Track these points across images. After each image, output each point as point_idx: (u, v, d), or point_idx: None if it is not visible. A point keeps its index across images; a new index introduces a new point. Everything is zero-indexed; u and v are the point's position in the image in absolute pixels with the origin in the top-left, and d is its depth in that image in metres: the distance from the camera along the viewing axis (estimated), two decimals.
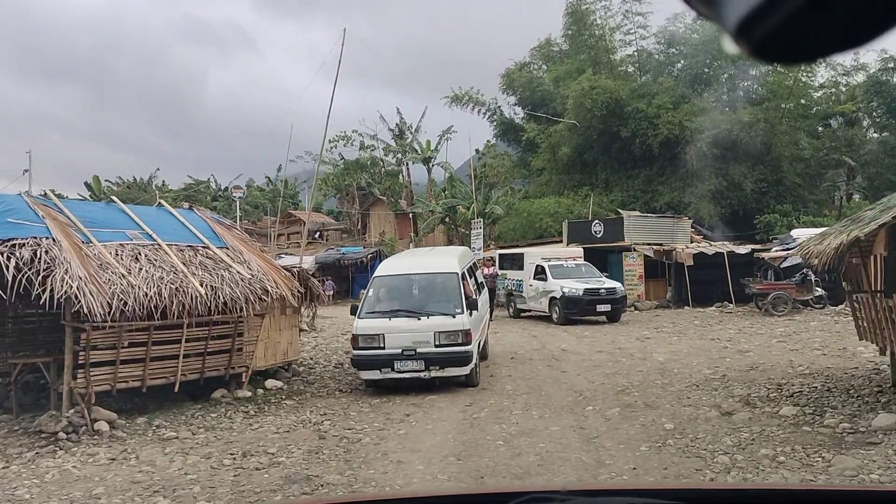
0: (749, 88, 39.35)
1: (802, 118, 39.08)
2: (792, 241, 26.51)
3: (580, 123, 36.67)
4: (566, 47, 42.78)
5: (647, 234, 26.54)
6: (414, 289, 14.17)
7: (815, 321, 20.80)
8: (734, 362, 14.79)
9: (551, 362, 15.69)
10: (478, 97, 44.56)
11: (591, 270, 23.46)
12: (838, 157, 39.49)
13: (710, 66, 38.11)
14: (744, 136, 34.85)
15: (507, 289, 25.18)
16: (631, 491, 2.17)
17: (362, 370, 13.32)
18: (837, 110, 40.68)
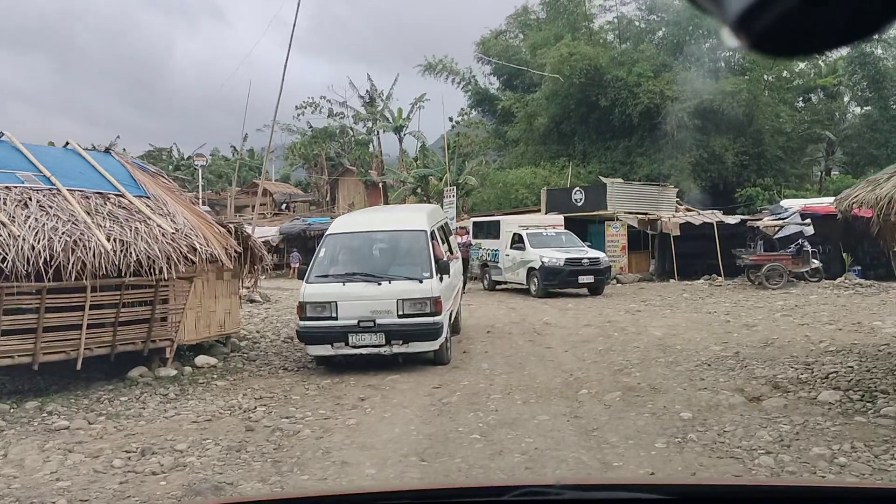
0: (731, 59, 37.10)
1: (784, 90, 37.04)
2: (782, 210, 24.44)
3: (558, 90, 34.23)
4: (543, 15, 40.23)
5: (631, 203, 24.19)
6: (374, 249, 11.67)
7: (813, 294, 18.62)
8: (743, 337, 12.50)
9: (533, 337, 13.30)
10: (452, 66, 41.89)
11: (572, 239, 21.09)
12: (819, 132, 37.55)
13: (692, 35, 35.75)
14: (726, 105, 32.62)
15: (481, 259, 22.73)
16: (626, 486, 2.05)
17: (310, 345, 10.83)
18: (819, 83, 38.63)
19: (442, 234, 12.85)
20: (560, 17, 37.82)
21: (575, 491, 1.80)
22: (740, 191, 32.97)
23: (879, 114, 35.93)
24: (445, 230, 13.52)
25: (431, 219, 12.08)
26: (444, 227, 13.31)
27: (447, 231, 13.84)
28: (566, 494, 1.73)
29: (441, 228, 12.98)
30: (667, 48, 35.81)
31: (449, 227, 14.45)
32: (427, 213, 12.28)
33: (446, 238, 13.31)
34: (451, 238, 14.81)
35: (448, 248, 13.09)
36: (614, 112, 33.85)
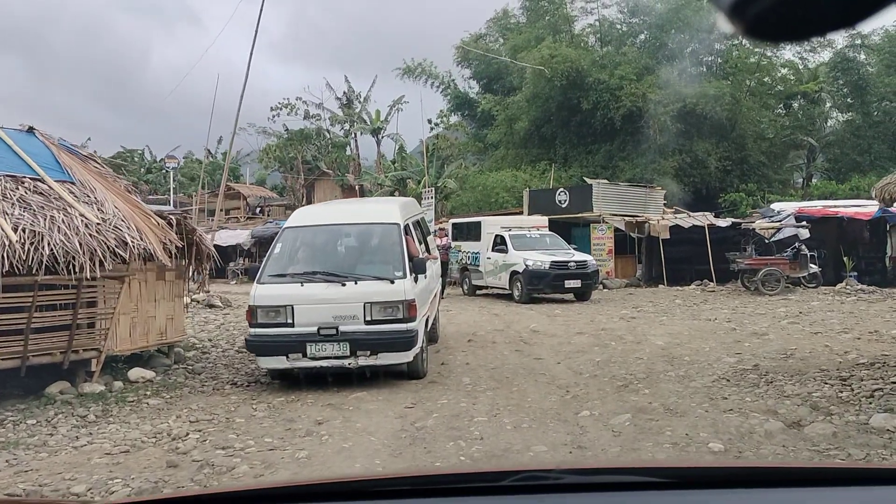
0: (713, 62, 35.79)
1: (766, 95, 35.80)
2: (773, 213, 22.96)
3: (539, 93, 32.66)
4: (524, 19, 38.67)
5: (618, 205, 22.52)
6: (339, 244, 9.88)
7: (815, 301, 17.05)
8: (756, 347, 10.84)
9: (520, 346, 11.53)
10: (431, 69, 40.19)
11: (557, 241, 19.38)
12: (801, 138, 36.31)
13: (674, 39, 34.32)
14: (709, 109, 31.23)
15: (461, 262, 20.95)
16: (625, 469, 2.02)
17: (261, 356, 9.00)
18: (800, 90, 37.38)
19: (418, 230, 11.08)
20: (540, 19, 36.30)
21: (575, 475, 1.78)
22: (724, 196, 31.60)
23: (862, 120, 34.73)
24: (422, 226, 11.74)
25: (405, 212, 10.30)
26: (420, 223, 11.53)
27: (424, 228, 12.06)
28: (566, 478, 1.71)
29: (417, 224, 11.22)
30: (649, 51, 34.38)
31: (426, 224, 12.69)
32: (400, 205, 10.48)
33: (423, 235, 11.54)
34: (430, 237, 13.04)
35: (425, 247, 11.33)
36: (596, 115, 32.36)
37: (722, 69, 34.74)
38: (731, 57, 34.78)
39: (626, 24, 35.95)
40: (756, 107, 34.50)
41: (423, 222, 11.92)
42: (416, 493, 1.78)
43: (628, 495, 1.71)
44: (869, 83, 34.30)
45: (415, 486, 1.84)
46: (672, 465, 2.76)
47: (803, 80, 37.38)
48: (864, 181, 31.65)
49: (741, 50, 34.98)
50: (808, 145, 37.06)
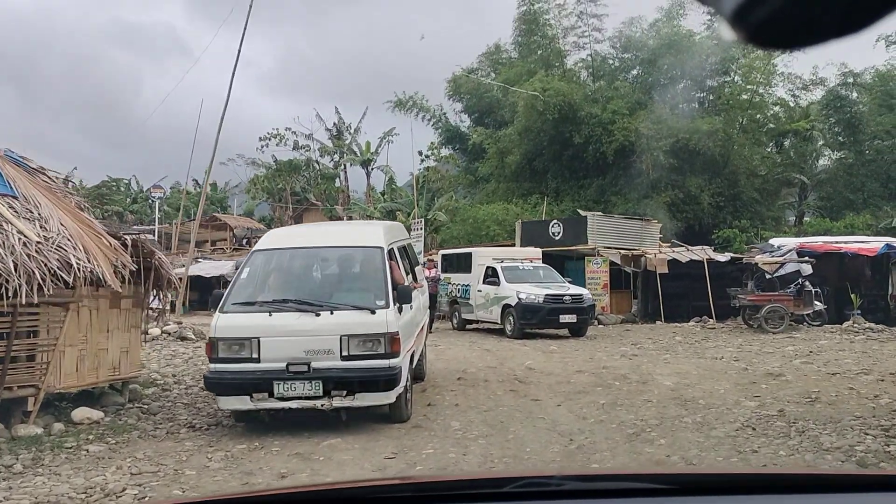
0: (705, 99, 35.16)
1: (758, 132, 35.13)
2: (772, 248, 21.94)
3: (530, 126, 31.86)
4: (516, 55, 38.03)
5: (613, 238, 21.47)
6: (314, 270, 8.70)
7: (823, 339, 15.92)
8: (774, 389, 9.68)
9: (515, 385, 10.31)
10: (422, 103, 39.37)
11: (551, 274, 18.26)
12: (792, 175, 35.61)
13: (666, 75, 33.68)
14: (702, 145, 30.47)
15: (450, 295, 19.77)
16: (626, 476, 2.03)
17: (222, 395, 7.76)
18: (791, 128, 36.73)
19: (405, 257, 9.92)
20: (532, 54, 35.64)
21: (576, 482, 1.78)
22: (717, 232, 30.69)
23: (855, 158, 34.05)
24: (410, 254, 10.57)
25: (390, 236, 9.14)
26: (407, 250, 10.36)
27: (412, 255, 10.89)
28: (567, 485, 1.70)
29: (404, 250, 10.06)
30: (641, 86, 33.73)
31: (414, 251, 11.53)
32: (385, 228, 9.33)
33: (411, 263, 10.37)
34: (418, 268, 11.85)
35: (412, 276, 10.17)
36: (588, 149, 31.54)
37: (714, 105, 34.11)
38: (723, 93, 34.16)
39: (618, 60, 35.35)
40: (748, 143, 33.82)
41: (410, 249, 10.77)
42: (418, 500, 1.75)
43: (629, 502, 1.68)
44: (861, 121, 33.70)
45: (416, 492, 1.81)
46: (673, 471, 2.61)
47: (794, 119, 36.79)
48: (859, 219, 30.88)
49: (733, 86, 34.42)
50: (799, 183, 36.39)
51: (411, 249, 10.96)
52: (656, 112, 31.06)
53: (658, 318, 20.52)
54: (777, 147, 37.55)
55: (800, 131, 36.41)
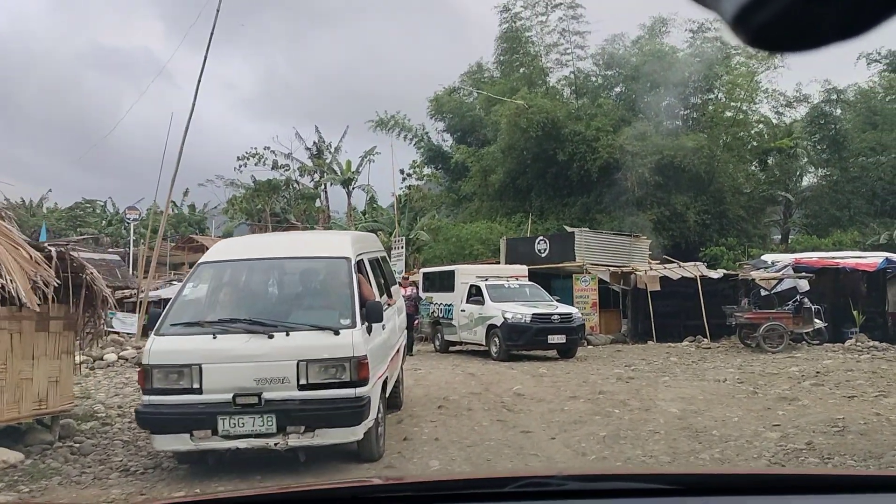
0: (689, 116, 34.38)
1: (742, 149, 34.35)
2: (765, 265, 20.92)
3: (514, 143, 30.91)
4: (498, 74, 37.17)
5: (601, 255, 20.35)
6: (269, 284, 7.46)
7: (826, 359, 14.79)
8: (793, 416, 8.50)
9: (503, 414, 9.04)
10: (404, 122, 38.35)
11: (538, 292, 17.06)
12: (778, 193, 34.84)
13: (650, 92, 32.88)
14: (687, 162, 29.60)
15: (432, 316, 18.50)
16: (627, 476, 2.03)
17: (158, 433, 6.48)
18: (775, 145, 36.00)
19: (378, 271, 8.68)
20: (514, 71, 34.79)
21: (578, 482, 1.76)
22: (704, 250, 29.73)
23: (840, 175, 33.29)
24: (384, 268, 9.31)
25: (360, 246, 7.89)
26: (381, 263, 9.10)
27: (387, 270, 9.63)
28: (569, 485, 1.68)
29: (377, 264, 8.82)
30: (625, 103, 32.91)
31: (389, 265, 10.27)
32: (353, 238, 8.08)
33: (385, 278, 9.12)
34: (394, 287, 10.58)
35: (387, 292, 8.92)
36: (573, 167, 30.58)
37: (698, 122, 33.34)
38: (706, 110, 33.40)
39: (601, 77, 34.55)
40: (733, 160, 33.01)
41: (384, 263, 9.52)
42: (419, 500, 1.71)
43: (630, 502, 1.67)
44: (846, 138, 33.03)
45: (417, 492, 1.78)
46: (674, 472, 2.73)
47: (778, 136, 36.09)
48: (846, 236, 30.07)
49: (716, 104, 33.71)
50: (784, 200, 35.65)
51: (385, 263, 9.72)
52: (640, 129, 30.21)
53: (649, 338, 19.36)
54: (761, 165, 36.81)
55: (784, 149, 35.73)
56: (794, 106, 34.06)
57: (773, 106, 34.23)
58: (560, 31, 32.87)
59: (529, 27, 33.72)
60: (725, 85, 32.94)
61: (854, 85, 34.30)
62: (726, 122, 33.05)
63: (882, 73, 35.48)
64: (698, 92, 33.69)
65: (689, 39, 33.60)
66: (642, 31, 33.51)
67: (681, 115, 34.18)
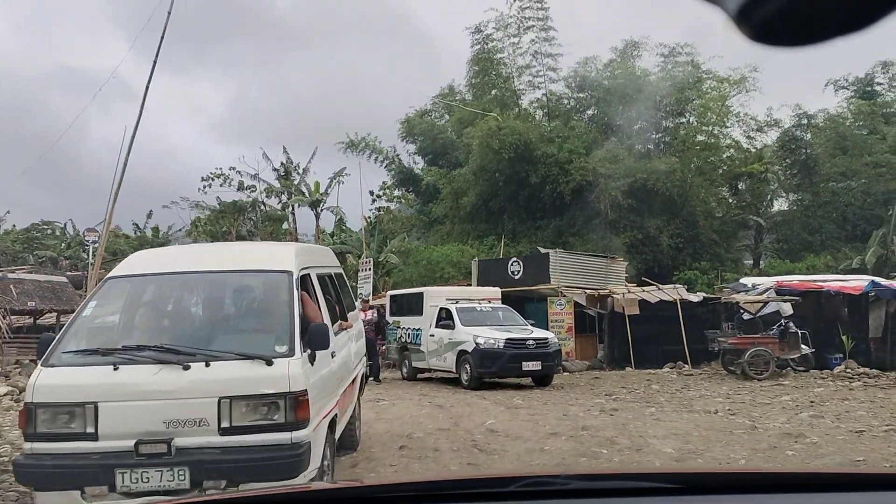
0: (661, 140, 33.73)
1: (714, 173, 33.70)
2: (746, 288, 19.93)
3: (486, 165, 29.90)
4: (470, 96, 36.27)
5: (577, 277, 19.19)
6: (192, 303, 6.09)
7: (817, 388, 13.75)
8: (807, 458, 7.32)
9: (474, 456, 7.71)
10: (375, 144, 37.16)
11: (512, 316, 15.83)
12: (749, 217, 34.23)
13: (622, 115, 32.15)
14: (660, 186, 28.82)
15: (400, 341, 17.15)
16: (631, 475, 2.00)
17: (42, 489, 5.07)
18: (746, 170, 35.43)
19: (330, 288, 7.36)
20: (486, 94, 33.92)
21: (581, 481, 1.74)
22: (678, 274, 28.82)
23: (811, 199, 32.75)
24: (337, 285, 7.96)
25: (306, 259, 6.54)
26: (333, 280, 7.76)
27: (343, 289, 8.28)
28: (572, 484, 1.66)
29: (329, 280, 7.50)
30: (597, 126, 32.14)
31: (346, 283, 8.91)
32: (298, 249, 6.71)
33: (340, 297, 7.78)
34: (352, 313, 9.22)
35: (341, 313, 7.59)
36: (545, 189, 29.64)
37: (670, 146, 32.66)
38: (678, 134, 32.76)
39: (573, 99, 33.76)
40: (705, 184, 32.32)
41: (339, 280, 8.18)
42: (422, 500, 1.70)
43: (634, 501, 1.65)
44: (817, 163, 32.57)
45: (420, 492, 1.76)
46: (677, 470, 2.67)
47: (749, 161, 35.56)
48: (819, 260, 29.45)
49: (688, 128, 33.11)
50: (755, 225, 35.06)
51: (341, 280, 8.38)
52: (613, 151, 29.42)
53: (627, 364, 18.18)
54: (732, 189, 36.24)
55: (754, 174, 35.20)
56: (765, 131, 33.54)
57: (744, 130, 33.68)
58: (532, 53, 32.11)
59: (501, 49, 32.90)
60: (697, 109, 32.35)
61: (824, 110, 33.95)
62: (698, 146, 32.42)
63: (850, 99, 35.25)
64: (670, 115, 33.09)
65: (661, 63, 33.06)
66: (614, 54, 32.84)
67: (653, 139, 33.54)
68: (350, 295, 8.89)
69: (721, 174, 34.48)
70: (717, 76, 31.68)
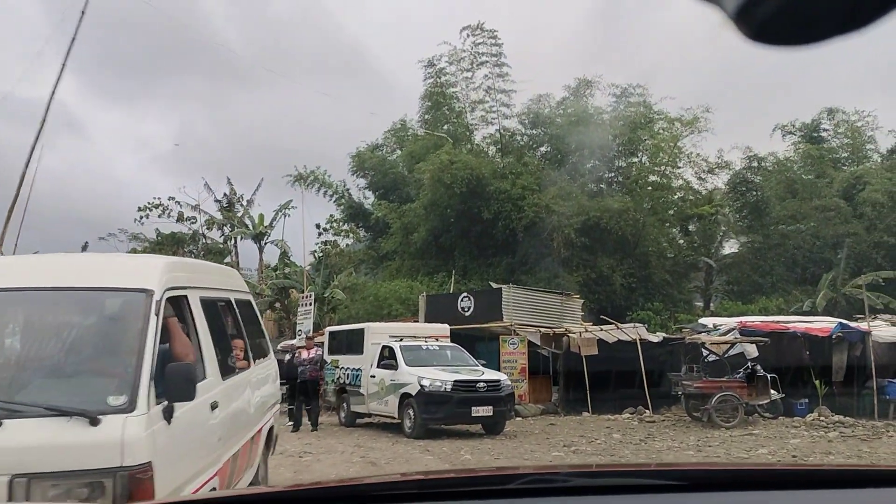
0: (614, 179, 32.90)
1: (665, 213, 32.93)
2: (704, 328, 18.66)
3: (437, 200, 28.54)
4: (422, 132, 35.01)
5: (531, 315, 17.67)
6: (2, 333, 4.31)
7: (792, 437, 12.35)
8: None
9: None
10: (324, 178, 35.49)
11: (461, 356, 14.15)
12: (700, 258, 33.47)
13: (576, 153, 31.23)
14: (613, 224, 27.85)
15: (338, 382, 15.30)
16: (633, 472, 1.97)
17: None
18: (696, 212, 34.74)
19: (224, 318, 5.60)
20: (439, 128, 32.70)
21: (582, 477, 1.70)
22: (630, 314, 27.69)
23: (762, 241, 32.10)
24: (240, 316, 6.17)
25: (180, 277, 4.71)
26: (234, 308, 5.99)
27: (247, 320, 6.41)
28: (573, 481, 1.62)
29: (227, 308, 5.75)
30: (551, 163, 31.15)
31: (257, 315, 7.09)
32: (167, 264, 4.86)
33: (242, 329, 6.00)
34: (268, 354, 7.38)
35: (242, 350, 5.83)
36: (497, 226, 28.41)
37: (623, 186, 31.82)
38: (630, 173, 31.95)
39: (526, 136, 32.77)
40: (657, 224, 31.49)
41: (245, 310, 6.40)
42: (423, 497, 1.64)
43: (636, 498, 1.61)
44: (767, 205, 32.03)
45: (422, 489, 1.71)
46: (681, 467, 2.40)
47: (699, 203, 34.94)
48: (771, 303, 28.71)
49: (640, 167, 32.32)
50: (706, 266, 34.28)
51: (249, 310, 6.62)
52: (566, 189, 28.39)
53: (584, 409, 16.61)
54: (683, 230, 35.52)
55: (704, 215, 34.56)
56: (716, 172, 32.92)
57: (695, 171, 33.04)
58: (486, 88, 31.12)
59: (455, 83, 31.83)
60: (649, 149, 31.63)
61: (773, 153, 33.68)
62: (650, 186, 31.64)
63: (797, 144, 35.05)
64: (623, 155, 32.35)
65: (613, 103, 32.40)
66: (567, 92, 32.05)
67: (606, 178, 32.70)
68: (262, 330, 7.09)
69: (672, 215, 33.79)
70: (669, 117, 31.07)
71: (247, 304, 6.56)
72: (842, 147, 35.47)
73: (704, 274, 35.33)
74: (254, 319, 6.72)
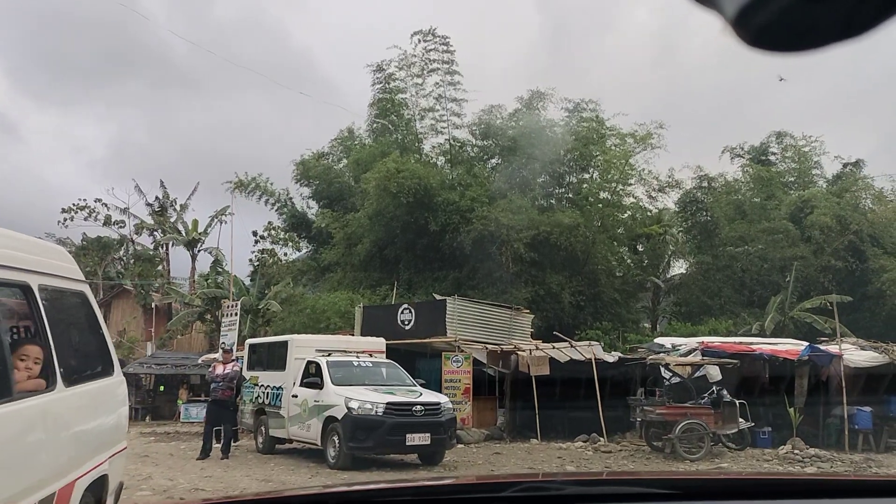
0: (564, 195, 31.43)
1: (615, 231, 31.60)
2: (661, 348, 17.04)
3: (382, 210, 26.60)
4: (370, 140, 33.08)
5: (477, 329, 15.80)
6: None
7: None
8: None
9: None
10: (266, 185, 33.18)
11: (397, 374, 12.15)
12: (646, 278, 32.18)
13: (527, 167, 29.66)
14: (563, 240, 26.33)
15: (256, 402, 13.11)
16: (628, 480, 1.91)
17: None
18: (645, 231, 33.53)
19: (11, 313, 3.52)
20: (387, 137, 30.84)
21: (577, 486, 1.63)
22: (579, 333, 26.06)
23: (711, 262, 30.97)
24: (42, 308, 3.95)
25: None
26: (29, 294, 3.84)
27: (43, 315, 4.10)
28: (569, 489, 1.57)
29: (17, 295, 3.68)
30: (501, 175, 29.51)
31: (96, 317, 4.94)
32: None
33: (41, 331, 3.88)
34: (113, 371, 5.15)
35: (39, 361, 3.74)
36: (445, 238, 26.59)
37: (573, 202, 30.38)
38: (581, 189, 30.55)
39: (477, 147, 31.11)
40: (608, 242, 30.13)
41: (66, 301, 4.29)
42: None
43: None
44: (717, 225, 30.98)
45: (417, 496, 1.67)
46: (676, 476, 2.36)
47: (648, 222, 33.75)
48: (721, 325, 27.52)
49: (591, 183, 30.94)
50: (653, 286, 33.02)
51: (78, 304, 4.51)
52: (517, 202, 26.78)
53: (532, 434, 14.76)
54: (632, 249, 34.28)
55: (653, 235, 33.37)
56: (666, 191, 31.78)
57: (646, 190, 31.84)
58: (436, 96, 29.41)
59: (404, 89, 30.00)
60: (600, 165, 30.30)
61: (723, 174, 32.75)
62: (601, 203, 30.29)
63: (744, 167, 34.30)
64: (574, 170, 30.95)
65: (566, 118, 31.03)
66: (520, 103, 30.56)
67: (556, 193, 31.25)
68: (103, 337, 4.94)
69: (622, 233, 32.53)
70: (621, 133, 29.84)
71: (74, 297, 4.45)
72: (789, 171, 34.90)
73: (652, 294, 34.12)
74: (88, 320, 4.60)
